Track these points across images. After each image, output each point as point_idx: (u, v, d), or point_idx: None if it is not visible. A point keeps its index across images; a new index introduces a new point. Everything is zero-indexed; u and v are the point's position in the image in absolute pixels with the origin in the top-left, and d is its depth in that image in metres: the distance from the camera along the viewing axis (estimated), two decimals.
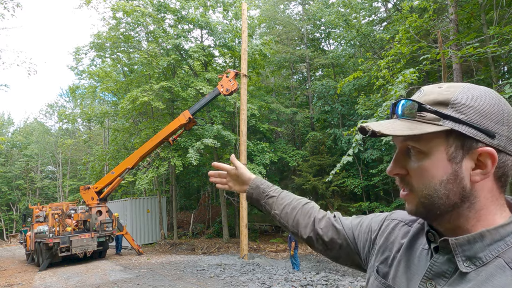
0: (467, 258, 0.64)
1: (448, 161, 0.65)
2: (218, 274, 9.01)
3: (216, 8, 17.99)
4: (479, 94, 0.65)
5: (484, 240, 0.64)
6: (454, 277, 0.65)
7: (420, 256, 0.74)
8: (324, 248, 1.02)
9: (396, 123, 0.68)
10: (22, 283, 9.64)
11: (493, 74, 8.56)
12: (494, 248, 0.63)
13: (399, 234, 0.84)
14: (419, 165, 0.67)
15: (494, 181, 0.65)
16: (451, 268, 0.66)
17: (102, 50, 19.38)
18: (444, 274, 0.67)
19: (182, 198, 25.90)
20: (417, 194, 0.68)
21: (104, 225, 12.74)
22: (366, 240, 0.92)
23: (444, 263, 0.67)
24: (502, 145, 0.63)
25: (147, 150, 13.28)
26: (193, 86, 15.56)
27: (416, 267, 0.73)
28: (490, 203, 0.65)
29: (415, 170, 0.68)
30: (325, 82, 19.03)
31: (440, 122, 0.64)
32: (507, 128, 0.63)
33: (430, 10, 8.23)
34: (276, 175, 20.40)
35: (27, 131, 43.18)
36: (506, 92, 5.39)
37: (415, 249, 0.77)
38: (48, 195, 39.00)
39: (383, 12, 18.72)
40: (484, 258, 0.63)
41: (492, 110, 0.63)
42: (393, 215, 0.91)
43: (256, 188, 1.15)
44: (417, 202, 0.69)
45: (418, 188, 0.68)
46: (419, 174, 0.67)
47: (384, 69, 8.14)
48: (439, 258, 0.68)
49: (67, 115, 25.45)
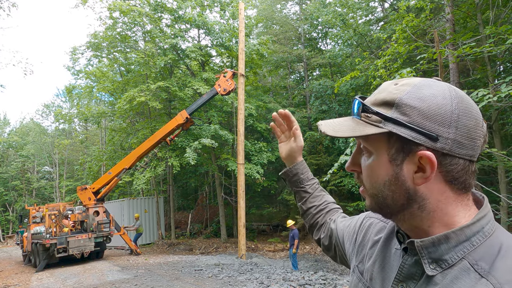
0: (433, 260, 0.63)
1: (389, 163, 0.64)
2: (216, 274, 9.00)
3: (213, 8, 17.97)
4: (429, 93, 0.61)
5: (449, 241, 0.62)
6: (422, 280, 0.64)
7: (394, 256, 0.74)
8: (325, 250, 1.08)
9: (345, 123, 0.69)
10: (19, 284, 9.59)
11: (489, 74, 8.61)
12: (459, 249, 0.61)
13: (373, 231, 0.84)
14: (367, 164, 0.69)
15: (445, 183, 0.62)
16: (419, 270, 0.65)
17: (98, 50, 19.31)
18: (413, 277, 0.66)
19: (179, 198, 25.86)
20: (367, 192, 0.70)
21: (101, 226, 12.70)
22: (351, 241, 0.92)
23: (412, 265, 0.66)
24: (447, 148, 0.60)
25: (145, 150, 13.25)
26: (191, 86, 15.54)
27: (390, 267, 0.73)
28: (445, 205, 0.63)
29: (364, 169, 0.70)
30: (323, 82, 19.06)
31: (381, 124, 0.63)
32: (455, 130, 0.60)
33: (427, 9, 8.26)
34: (274, 175, 20.39)
35: (23, 131, 42.94)
36: (502, 91, 5.42)
37: (390, 249, 0.76)
38: (45, 195, 38.81)
39: (380, 11, 18.77)
40: (449, 260, 0.61)
41: (438, 111, 0.60)
42: (371, 212, 0.90)
43: (295, 175, 1.16)
44: (371, 200, 0.70)
45: (367, 186, 0.70)
46: (367, 173, 0.69)
47: (381, 69, 8.16)
48: (408, 259, 0.67)
49: (63, 115, 25.33)
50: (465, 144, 0.61)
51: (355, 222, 0.95)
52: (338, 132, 0.68)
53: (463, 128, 0.60)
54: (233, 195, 18.08)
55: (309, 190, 1.15)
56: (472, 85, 11.06)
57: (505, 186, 7.84)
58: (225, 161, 16.06)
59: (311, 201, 1.14)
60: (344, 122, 0.70)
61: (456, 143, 0.60)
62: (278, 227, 19.19)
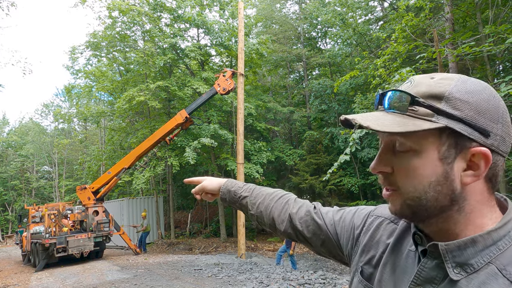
0: (457, 264, 0.60)
1: (439, 161, 0.59)
2: (216, 273, 9.00)
3: (213, 7, 17.95)
4: (475, 88, 0.59)
5: (476, 245, 0.59)
6: (444, 284, 0.61)
7: (407, 258, 0.70)
8: (306, 243, 0.97)
9: (386, 117, 0.62)
10: (18, 284, 9.59)
11: (488, 73, 8.61)
12: (486, 253, 0.59)
13: (384, 233, 0.79)
14: (407, 164, 0.62)
15: (485, 182, 0.61)
16: (440, 274, 0.62)
17: (98, 49, 19.29)
18: (433, 280, 0.62)
19: (179, 198, 25.84)
20: (402, 195, 0.63)
21: (101, 225, 12.69)
22: (349, 236, 0.86)
23: (433, 268, 0.63)
24: (496, 145, 0.58)
25: (144, 149, 13.24)
26: (190, 85, 15.52)
27: (403, 270, 0.69)
28: (481, 206, 0.61)
29: (402, 169, 0.63)
30: (322, 81, 19.06)
31: (434, 118, 0.58)
32: (502, 126, 0.59)
33: (426, 9, 8.26)
34: (273, 174, 20.41)
35: (23, 131, 42.89)
36: (501, 90, 5.42)
37: (402, 250, 0.72)
38: (44, 195, 38.78)
39: (379, 11, 18.77)
40: (475, 264, 0.59)
41: (488, 106, 0.58)
42: (377, 210, 0.85)
43: (228, 193, 1.11)
44: (401, 203, 0.64)
45: (404, 188, 0.63)
46: (406, 173, 0.62)
47: (380, 68, 8.16)
48: (428, 263, 0.64)
49: (63, 115, 25.33)
50: (507, 141, 0.60)
51: (351, 217, 0.88)
52: (386, 126, 0.59)
53: (506, 124, 0.59)
54: None
55: (245, 194, 1.08)
56: None
57: (504, 185, 7.85)
58: (224, 161, 16.06)
59: (254, 202, 1.06)
60: (383, 116, 0.62)
61: (502, 139, 0.59)
62: None
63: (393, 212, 0.66)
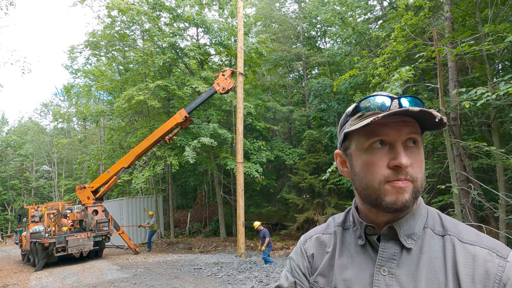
0: (407, 236, 0.77)
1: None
2: (215, 272, 9.01)
3: (212, 6, 17.92)
4: None
5: (414, 218, 0.79)
6: (401, 256, 0.77)
7: (358, 252, 0.83)
8: None
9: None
10: (17, 284, 9.58)
11: (488, 72, 8.61)
12: (421, 222, 0.79)
13: (321, 246, 0.92)
14: (419, 157, 0.76)
15: None
16: (397, 249, 0.77)
17: (97, 48, 19.24)
18: (392, 257, 0.77)
19: (178, 197, 25.84)
20: (415, 184, 0.74)
21: (100, 225, 12.68)
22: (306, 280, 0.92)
23: (391, 247, 0.78)
24: None
25: (143, 149, 13.23)
26: (189, 84, 15.50)
27: (360, 262, 0.81)
28: None
29: (417, 161, 0.75)
30: (321, 80, 19.04)
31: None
32: None
33: (426, 8, 8.25)
34: (272, 174, 20.40)
35: (22, 130, 42.83)
36: (501, 89, 5.43)
37: (349, 248, 0.85)
38: (44, 194, 38.75)
39: (379, 10, 18.74)
40: (418, 232, 0.78)
41: None
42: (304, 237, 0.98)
43: None
44: (412, 191, 0.74)
45: (418, 177, 0.75)
46: (419, 165, 0.76)
47: (380, 67, 8.16)
48: (386, 244, 0.79)
49: (62, 114, 25.26)
50: None
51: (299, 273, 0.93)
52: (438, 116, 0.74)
53: None
54: (232, 194, 18.08)
55: None
56: (471, 84, 11.06)
57: (503, 184, 7.85)
58: (224, 160, 16.05)
59: None
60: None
61: None
62: (277, 226, 19.20)
63: (405, 202, 0.74)
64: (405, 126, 0.74)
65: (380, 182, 0.74)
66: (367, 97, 0.78)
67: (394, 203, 0.74)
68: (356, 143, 0.80)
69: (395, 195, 0.73)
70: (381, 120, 0.72)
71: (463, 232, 0.77)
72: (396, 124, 0.74)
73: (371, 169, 0.76)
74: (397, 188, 0.73)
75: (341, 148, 0.88)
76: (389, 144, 0.75)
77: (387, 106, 0.75)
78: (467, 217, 6.62)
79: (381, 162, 0.75)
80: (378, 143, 0.75)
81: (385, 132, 0.74)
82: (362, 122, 0.74)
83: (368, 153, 0.77)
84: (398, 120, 0.74)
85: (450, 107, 7.33)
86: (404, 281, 0.74)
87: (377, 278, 0.76)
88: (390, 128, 0.74)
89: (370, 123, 0.72)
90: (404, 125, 0.74)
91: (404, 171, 0.73)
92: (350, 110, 0.83)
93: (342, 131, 0.84)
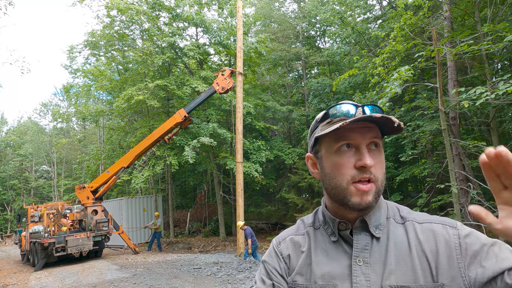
0: (375, 226, 0.86)
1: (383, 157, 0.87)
2: (215, 272, 9.01)
3: (211, 6, 17.91)
4: None
5: (379, 210, 0.88)
6: (373, 246, 0.85)
7: (332, 248, 0.90)
8: None
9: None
10: (17, 284, 9.58)
11: (487, 71, 8.62)
12: (384, 213, 0.89)
13: (296, 246, 0.97)
14: (381, 158, 0.85)
15: None
16: (369, 240, 0.86)
17: (96, 48, 19.23)
18: (365, 247, 0.85)
19: (178, 197, 25.84)
20: (377, 184, 0.83)
21: (100, 225, 12.67)
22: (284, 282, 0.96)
23: (363, 238, 0.86)
24: None
25: (143, 148, 13.22)
26: (189, 84, 15.49)
27: (336, 257, 0.88)
28: None
29: (379, 163, 0.84)
30: (321, 80, 19.04)
31: None
32: None
33: (425, 7, 8.26)
34: (272, 173, 20.40)
35: (21, 130, 42.80)
36: (499, 88, 5.43)
37: (323, 245, 0.92)
38: (43, 194, 38.74)
39: (378, 9, 18.74)
40: (383, 222, 0.88)
41: None
42: (276, 240, 1.02)
43: None
44: (375, 191, 0.83)
45: (379, 177, 0.84)
46: (381, 165, 0.85)
47: (379, 67, 8.16)
48: (358, 237, 0.87)
49: (61, 114, 25.22)
50: None
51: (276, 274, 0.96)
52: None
53: None
54: (231, 193, 18.09)
55: None
56: (470, 83, 11.08)
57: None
58: (223, 160, 16.05)
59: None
60: None
61: None
62: (277, 225, 19.21)
63: (369, 203, 0.83)
64: (368, 131, 0.84)
65: (348, 181, 0.83)
66: (335, 105, 0.87)
67: (359, 204, 0.83)
68: (326, 146, 0.89)
69: (360, 197, 0.82)
70: (348, 126, 0.81)
71: (417, 216, 0.88)
72: (360, 129, 0.83)
73: (340, 170, 0.85)
74: (361, 191, 0.82)
75: (312, 151, 0.96)
76: (355, 147, 0.84)
77: (352, 114, 0.84)
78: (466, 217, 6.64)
79: (348, 163, 0.83)
80: (345, 146, 0.84)
81: (352, 136, 0.83)
82: (332, 127, 0.82)
83: (336, 155, 0.85)
84: (362, 126, 0.83)
85: (449, 107, 7.34)
86: (377, 268, 0.82)
87: (355, 269, 0.83)
88: (355, 132, 0.83)
89: (339, 128, 0.80)
90: (368, 130, 0.84)
91: (369, 171, 0.82)
92: (320, 117, 0.92)
93: (313, 136, 0.93)
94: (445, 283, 0.76)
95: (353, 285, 0.82)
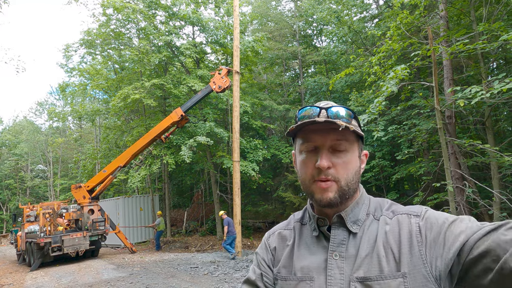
0: (353, 222, 0.90)
1: (357, 158, 0.92)
2: (212, 271, 9.01)
3: (208, 5, 17.86)
4: None
5: (358, 206, 0.92)
6: (349, 241, 0.88)
7: (313, 242, 0.94)
8: None
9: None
10: (13, 284, 9.53)
11: (482, 70, 8.67)
12: (364, 209, 0.92)
13: (282, 239, 1.03)
14: (345, 159, 0.88)
15: None
16: (345, 235, 0.89)
17: (92, 47, 19.12)
18: (342, 242, 0.89)
19: (175, 196, 25.79)
20: (339, 184, 0.87)
21: (96, 224, 12.63)
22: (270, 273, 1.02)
23: (340, 233, 0.90)
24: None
25: (139, 148, 13.19)
26: (185, 83, 15.46)
27: (316, 251, 0.92)
28: (359, 184, 0.94)
29: (341, 164, 0.88)
30: (318, 79, 19.06)
31: (359, 130, 0.92)
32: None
33: (421, 6, 8.28)
34: (269, 172, 20.40)
35: (17, 129, 42.53)
36: (495, 87, 5.47)
37: (306, 240, 0.96)
38: (39, 194, 38.52)
39: (375, 8, 18.79)
40: (362, 218, 0.91)
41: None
42: (267, 234, 1.11)
43: None
44: (337, 189, 0.87)
45: (342, 177, 0.87)
46: (344, 166, 0.88)
47: (375, 66, 8.18)
48: (336, 232, 0.91)
49: (57, 113, 25.11)
50: None
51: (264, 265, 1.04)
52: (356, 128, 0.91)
53: None
54: (228, 192, 18.08)
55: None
56: (466, 82, 11.13)
57: (497, 182, 7.92)
58: (220, 159, 16.04)
59: None
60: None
61: None
62: (274, 224, 19.23)
63: (329, 199, 0.87)
64: (332, 133, 0.87)
65: (310, 180, 0.89)
66: (303, 108, 0.93)
67: (320, 200, 0.88)
68: (297, 145, 0.95)
69: (321, 193, 0.87)
70: (312, 127, 0.88)
71: (395, 209, 0.91)
72: (323, 131, 0.88)
73: (304, 168, 0.91)
74: (321, 188, 0.87)
75: (294, 149, 1.02)
76: (317, 148, 0.89)
77: (314, 115, 0.89)
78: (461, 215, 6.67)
79: (310, 163, 0.89)
80: (310, 146, 0.89)
81: (314, 138, 0.88)
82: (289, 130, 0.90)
83: (303, 155, 0.91)
84: (326, 128, 0.87)
85: (445, 106, 7.37)
86: (351, 262, 0.86)
87: (330, 262, 0.88)
88: (317, 134, 0.88)
89: (289, 131, 0.90)
90: (331, 132, 0.87)
91: (325, 172, 0.86)
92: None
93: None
94: (406, 272, 0.78)
95: (328, 278, 0.87)
